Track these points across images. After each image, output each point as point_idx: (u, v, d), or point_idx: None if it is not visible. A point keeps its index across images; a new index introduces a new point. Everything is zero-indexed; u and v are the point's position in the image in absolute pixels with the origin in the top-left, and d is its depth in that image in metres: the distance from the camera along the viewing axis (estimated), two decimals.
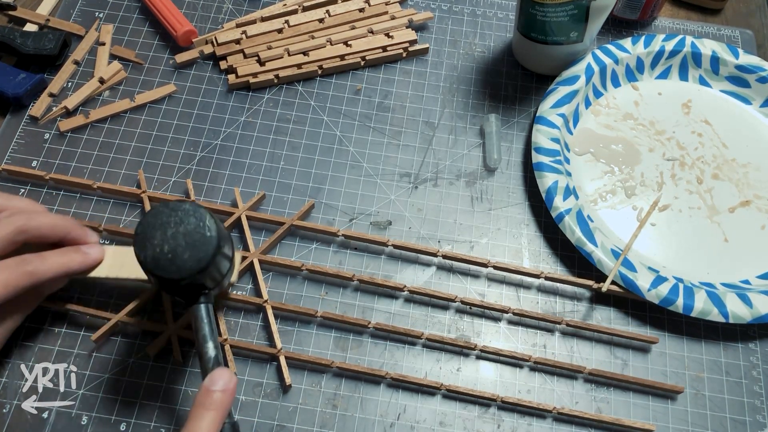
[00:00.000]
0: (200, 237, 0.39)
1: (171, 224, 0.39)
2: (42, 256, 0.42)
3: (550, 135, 0.56)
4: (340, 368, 0.48)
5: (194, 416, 0.37)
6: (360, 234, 0.52)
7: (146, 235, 0.39)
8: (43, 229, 0.43)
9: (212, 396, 0.37)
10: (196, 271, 0.38)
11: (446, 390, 0.47)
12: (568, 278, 0.51)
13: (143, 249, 0.39)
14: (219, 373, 0.39)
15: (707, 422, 0.48)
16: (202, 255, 0.39)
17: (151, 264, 0.38)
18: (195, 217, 0.39)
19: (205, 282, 0.41)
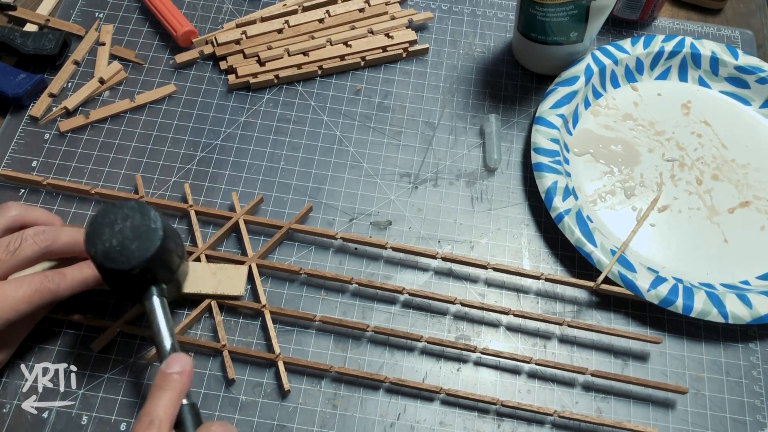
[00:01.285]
0: (146, 229, 0.41)
1: (118, 220, 0.41)
2: (62, 274, 0.44)
3: (550, 135, 0.56)
4: (339, 373, 0.48)
5: (152, 396, 0.38)
6: (358, 237, 0.52)
7: (95, 232, 0.41)
8: (65, 247, 0.45)
9: (169, 377, 0.39)
10: (144, 259, 0.40)
11: (446, 394, 0.47)
12: (568, 280, 0.51)
13: (93, 245, 0.40)
14: (175, 357, 0.40)
15: (707, 422, 0.48)
16: (149, 243, 0.40)
17: (102, 257, 0.40)
18: (140, 212, 0.41)
19: (156, 274, 0.42)
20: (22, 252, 0.43)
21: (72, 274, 0.45)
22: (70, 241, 0.45)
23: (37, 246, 0.43)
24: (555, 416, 0.47)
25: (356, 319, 0.51)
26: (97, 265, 0.41)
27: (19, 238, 0.43)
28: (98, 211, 0.41)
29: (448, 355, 0.50)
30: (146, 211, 0.41)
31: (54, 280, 0.43)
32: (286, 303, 0.51)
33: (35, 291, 0.42)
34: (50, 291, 0.43)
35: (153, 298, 0.43)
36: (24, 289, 0.42)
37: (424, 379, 0.49)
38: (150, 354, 0.47)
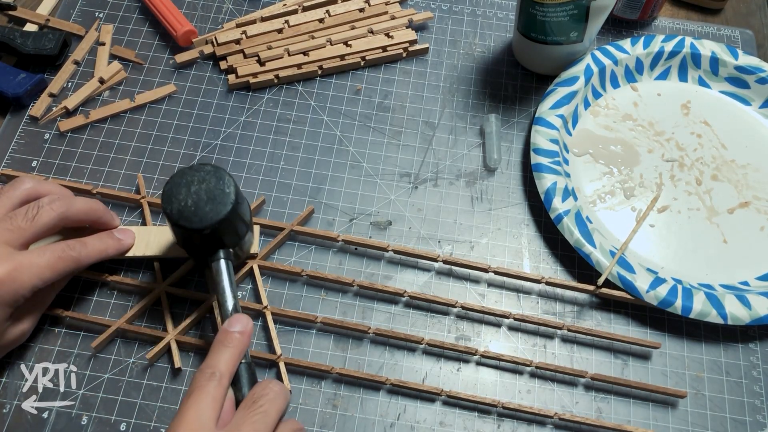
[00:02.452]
0: (220, 193, 0.43)
1: (194, 182, 0.43)
2: (83, 243, 0.46)
3: (549, 136, 0.56)
4: (339, 374, 0.48)
5: (213, 351, 0.40)
6: (359, 239, 0.52)
7: (172, 192, 0.43)
8: (80, 214, 0.46)
9: (230, 335, 0.41)
10: (216, 221, 0.42)
11: (447, 396, 0.47)
12: (569, 283, 0.51)
13: (169, 203, 0.43)
14: (237, 317, 0.42)
15: (707, 422, 0.48)
16: (222, 207, 0.43)
17: (176, 215, 0.42)
18: (215, 176, 0.44)
19: (225, 238, 0.45)
20: (40, 219, 0.44)
21: (93, 243, 0.46)
22: (85, 208, 0.46)
23: (53, 212, 0.44)
24: (555, 418, 0.47)
25: (356, 319, 0.51)
26: (171, 222, 0.43)
27: (36, 206, 0.44)
28: (176, 172, 0.44)
29: (449, 356, 0.50)
30: (222, 176, 0.44)
31: (75, 248, 0.45)
32: (286, 303, 0.51)
33: (58, 258, 0.43)
34: (72, 259, 0.44)
35: (220, 260, 0.45)
36: (47, 256, 0.43)
37: (424, 380, 0.49)
38: (151, 353, 0.47)
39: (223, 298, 0.44)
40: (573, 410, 0.48)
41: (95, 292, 0.50)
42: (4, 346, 0.44)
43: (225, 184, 0.43)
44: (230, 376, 0.39)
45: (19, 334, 0.45)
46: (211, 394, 0.37)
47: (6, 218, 0.43)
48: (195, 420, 0.36)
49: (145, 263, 0.51)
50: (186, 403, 0.37)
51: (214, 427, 0.36)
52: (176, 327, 0.48)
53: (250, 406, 0.38)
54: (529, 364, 0.48)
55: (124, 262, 0.51)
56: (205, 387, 0.38)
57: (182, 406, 0.37)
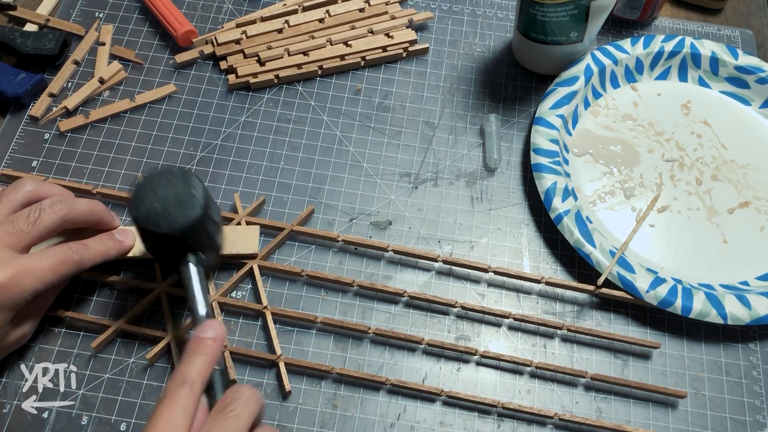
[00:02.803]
0: (189, 196, 0.42)
1: (162, 186, 0.43)
2: (85, 245, 0.46)
3: (549, 136, 0.56)
4: (339, 374, 0.48)
5: (185, 358, 0.39)
6: (360, 239, 0.52)
7: (139, 195, 0.42)
8: (82, 216, 0.46)
9: (202, 342, 0.40)
10: (185, 226, 0.42)
11: (447, 396, 0.47)
12: (569, 284, 0.51)
13: (137, 209, 0.42)
14: (209, 323, 0.41)
15: (707, 422, 0.48)
16: (190, 210, 0.42)
17: (144, 220, 0.42)
18: (183, 180, 0.43)
19: (195, 242, 0.44)
20: (41, 222, 0.43)
21: (94, 245, 0.46)
22: (87, 210, 0.46)
23: (55, 215, 0.44)
24: (555, 418, 0.47)
25: (356, 319, 0.51)
26: (139, 227, 0.42)
27: (38, 209, 0.44)
28: (143, 178, 0.43)
29: (448, 356, 0.50)
30: (189, 179, 0.43)
31: (78, 251, 0.44)
32: (286, 303, 0.51)
33: (60, 262, 0.43)
34: (74, 262, 0.44)
35: (189, 265, 0.44)
36: (50, 260, 0.43)
37: (424, 380, 0.49)
38: (151, 353, 0.47)
39: (194, 304, 0.43)
40: (573, 410, 0.48)
41: (95, 292, 0.50)
42: (4, 348, 0.44)
43: (193, 187, 0.43)
44: (203, 384, 0.38)
45: (20, 336, 0.45)
46: (182, 401, 0.36)
47: (8, 221, 0.43)
48: (167, 427, 0.35)
49: (145, 263, 0.51)
50: (157, 410, 0.36)
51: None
52: (176, 327, 0.48)
53: (222, 410, 0.37)
54: (529, 364, 0.48)
55: (125, 261, 0.51)
56: (177, 394, 0.37)
57: (153, 414, 0.36)
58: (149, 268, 0.51)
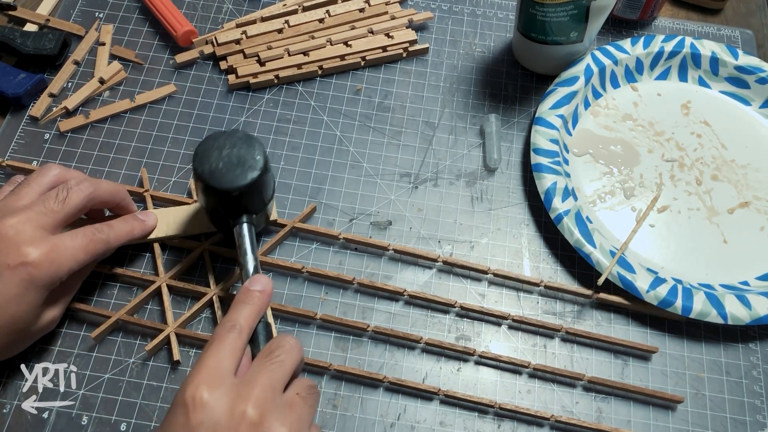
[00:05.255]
0: (250, 159, 0.45)
1: (226, 146, 0.45)
2: (110, 225, 0.47)
3: (549, 136, 0.56)
4: (338, 371, 0.48)
5: (234, 307, 0.41)
6: (361, 238, 0.52)
7: (205, 153, 0.45)
8: (106, 195, 0.47)
9: (251, 293, 0.42)
10: (245, 185, 0.44)
11: (444, 395, 0.47)
12: (567, 288, 0.51)
13: (201, 164, 0.44)
14: (257, 277, 0.44)
15: (707, 422, 0.48)
16: (251, 172, 0.44)
17: (208, 176, 0.44)
18: (246, 143, 0.45)
19: (250, 203, 0.46)
20: (70, 200, 0.44)
21: (119, 226, 0.47)
22: (111, 190, 0.47)
23: (83, 192, 0.45)
24: (552, 420, 0.47)
25: (357, 317, 0.51)
26: (202, 182, 0.44)
27: (65, 188, 0.45)
28: (209, 136, 0.46)
29: (449, 355, 0.50)
30: (252, 144, 0.45)
31: (104, 231, 0.46)
32: (286, 301, 0.51)
33: (90, 241, 0.44)
34: (102, 241, 0.45)
35: (244, 224, 0.46)
36: (80, 239, 0.44)
37: (425, 379, 0.49)
38: (151, 345, 0.47)
39: (245, 260, 0.45)
40: (573, 410, 0.48)
41: (96, 292, 0.50)
42: (35, 332, 0.44)
43: (255, 151, 0.45)
44: (250, 330, 0.40)
45: (50, 320, 0.45)
46: (231, 345, 0.38)
47: (39, 202, 0.44)
48: (215, 367, 0.37)
49: (148, 257, 0.51)
50: (206, 352, 0.38)
51: (232, 376, 0.37)
52: (176, 320, 0.48)
53: (267, 355, 0.39)
54: (527, 365, 0.48)
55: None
56: (226, 338, 0.39)
57: (202, 355, 0.38)
58: (150, 266, 0.51)
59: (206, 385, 0.36)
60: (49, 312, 0.45)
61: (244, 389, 0.37)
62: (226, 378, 0.37)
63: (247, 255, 0.46)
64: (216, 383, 0.36)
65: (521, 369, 0.49)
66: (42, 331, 0.45)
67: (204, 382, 0.36)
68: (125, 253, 0.52)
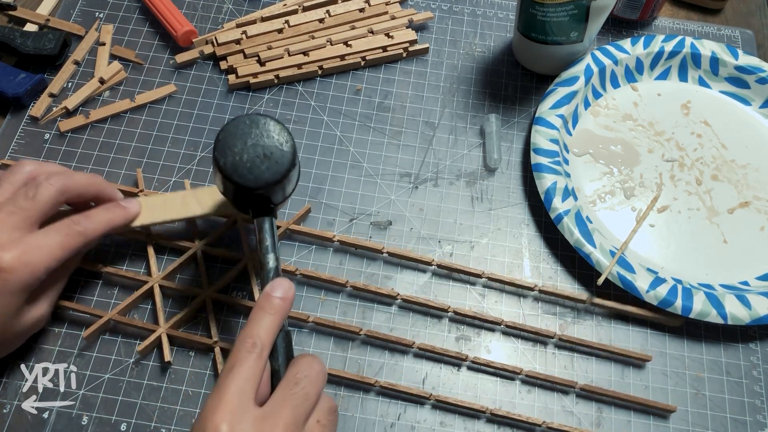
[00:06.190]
0: (278, 150, 0.41)
1: (251, 135, 0.41)
2: (88, 216, 0.45)
3: (549, 136, 0.56)
4: (330, 374, 0.47)
5: (254, 317, 0.38)
6: (355, 240, 0.52)
7: (227, 142, 0.40)
8: (80, 187, 0.45)
9: (272, 301, 0.39)
10: (271, 183, 0.40)
11: (435, 400, 0.47)
12: (562, 292, 0.51)
13: (224, 155, 0.40)
14: (279, 281, 0.40)
15: (707, 422, 0.48)
16: (279, 167, 0.40)
17: (230, 170, 0.40)
18: (275, 131, 0.41)
19: (274, 196, 0.42)
20: (40, 195, 0.43)
21: (98, 215, 0.45)
22: (85, 181, 0.45)
23: (53, 186, 0.43)
24: (543, 427, 0.47)
25: (357, 317, 0.51)
26: (224, 175, 0.41)
27: (34, 185, 0.43)
28: (231, 120, 0.41)
29: (442, 361, 0.49)
30: (280, 132, 0.41)
31: (81, 223, 0.44)
32: None
33: (66, 235, 0.43)
34: (79, 233, 0.43)
35: (265, 218, 0.43)
36: (53, 235, 0.42)
37: (425, 379, 0.49)
38: (142, 346, 0.47)
39: (266, 258, 0.42)
40: (573, 410, 0.48)
41: (95, 291, 0.50)
42: (22, 332, 0.44)
43: (284, 141, 0.41)
44: (270, 346, 0.38)
45: (38, 319, 0.44)
46: (251, 369, 0.36)
47: (8, 202, 0.42)
48: (236, 398, 0.35)
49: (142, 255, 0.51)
50: (227, 377, 0.35)
51: (253, 405, 0.35)
52: (168, 321, 0.48)
53: (292, 387, 0.36)
54: (519, 372, 0.48)
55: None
56: (246, 361, 0.36)
57: (222, 380, 0.35)
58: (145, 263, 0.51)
59: (227, 423, 0.34)
60: (34, 310, 0.44)
61: (267, 426, 0.34)
62: (248, 411, 0.35)
63: (268, 253, 0.42)
64: (237, 419, 0.34)
65: (513, 376, 0.49)
66: (30, 330, 0.44)
67: (225, 420, 0.34)
68: (125, 253, 0.52)
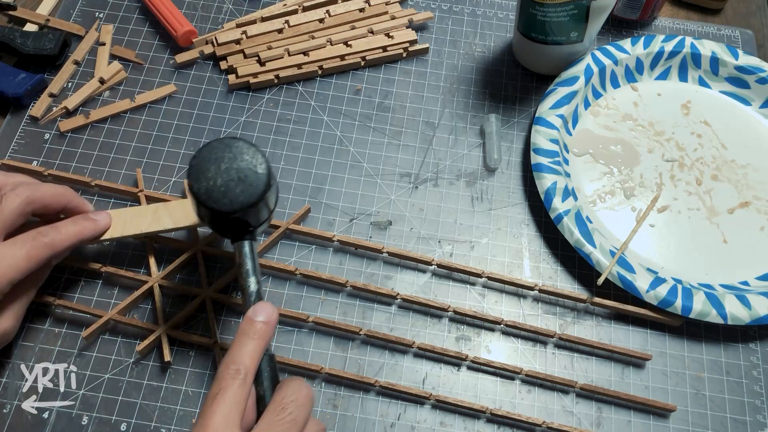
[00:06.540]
0: (252, 173, 0.40)
1: (225, 159, 0.40)
2: (56, 227, 0.44)
3: (549, 136, 0.56)
4: (329, 374, 0.48)
5: (237, 343, 0.38)
6: (355, 240, 0.52)
7: (201, 167, 0.40)
8: (47, 198, 0.44)
9: (255, 326, 0.39)
10: (246, 206, 0.40)
11: (435, 400, 0.47)
12: (561, 291, 0.51)
13: (197, 181, 0.40)
14: (262, 305, 0.40)
15: (707, 422, 0.48)
16: (253, 190, 0.40)
17: (204, 196, 0.40)
18: (248, 153, 0.41)
19: (252, 219, 0.42)
20: (5, 207, 0.42)
21: (66, 227, 0.44)
22: (52, 191, 0.45)
23: (18, 197, 0.42)
24: (543, 427, 0.47)
25: (357, 317, 0.51)
26: (198, 201, 0.40)
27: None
28: (205, 145, 0.41)
29: (442, 360, 0.49)
30: (254, 154, 0.41)
31: (48, 234, 0.43)
32: (286, 303, 0.51)
33: (31, 246, 0.42)
34: (45, 245, 0.42)
35: (244, 241, 0.42)
36: (18, 246, 0.41)
37: (425, 379, 0.49)
38: (142, 345, 0.47)
39: (247, 282, 0.41)
40: (574, 410, 0.48)
41: (95, 292, 0.50)
42: None
43: (258, 164, 0.40)
44: (254, 372, 0.37)
45: (2, 332, 0.43)
46: (236, 396, 0.35)
47: None
48: (221, 426, 0.34)
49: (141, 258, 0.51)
50: (211, 405, 0.35)
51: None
52: (168, 321, 0.48)
53: (279, 412, 0.36)
54: (519, 371, 0.48)
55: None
56: (230, 387, 0.35)
57: (206, 408, 0.35)
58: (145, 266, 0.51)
59: None
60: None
61: None
62: None
63: (249, 277, 0.42)
64: None
65: (513, 376, 0.49)
66: None
67: None
68: (125, 253, 0.52)
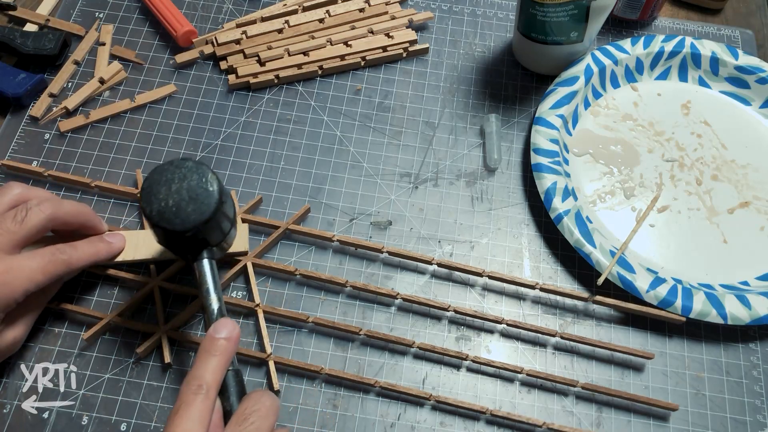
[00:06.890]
0: (203, 191, 0.41)
1: (175, 180, 0.41)
2: (74, 246, 0.45)
3: (549, 136, 0.56)
4: (329, 375, 0.48)
5: (199, 360, 0.38)
6: (355, 240, 0.52)
7: (151, 190, 0.41)
8: (69, 216, 0.45)
9: (216, 342, 0.39)
10: (199, 223, 0.40)
11: (435, 401, 0.47)
12: (562, 290, 0.51)
13: (149, 203, 0.41)
14: (223, 322, 0.40)
15: (707, 422, 0.48)
16: (205, 208, 0.41)
17: (157, 217, 0.40)
18: (197, 173, 0.41)
19: (209, 237, 0.42)
20: (29, 220, 0.43)
21: (83, 247, 0.46)
22: (73, 210, 0.46)
23: (42, 213, 0.43)
24: (544, 427, 0.46)
25: (357, 317, 0.51)
26: (151, 223, 0.41)
27: (24, 208, 0.43)
28: (155, 168, 0.42)
29: (442, 361, 0.49)
30: (204, 173, 0.41)
31: (66, 252, 0.44)
32: (285, 303, 0.51)
33: (48, 261, 0.43)
34: (63, 262, 0.44)
35: (203, 260, 0.43)
36: (37, 260, 0.42)
37: (425, 379, 0.49)
38: (142, 347, 0.47)
39: (208, 300, 0.42)
40: (574, 410, 0.48)
41: (95, 292, 0.50)
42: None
43: (208, 182, 0.41)
44: (217, 387, 0.38)
45: (12, 342, 0.44)
46: (198, 410, 0.36)
47: None
48: None
49: None
50: (173, 421, 0.35)
51: None
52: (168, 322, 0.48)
53: (242, 422, 0.36)
54: (519, 371, 0.48)
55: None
56: (193, 403, 0.36)
57: (169, 426, 0.35)
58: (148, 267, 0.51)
59: None
60: (9, 333, 0.44)
61: None
62: None
63: (210, 295, 0.42)
64: None
65: (514, 377, 0.49)
66: (5, 352, 0.44)
67: None
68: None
